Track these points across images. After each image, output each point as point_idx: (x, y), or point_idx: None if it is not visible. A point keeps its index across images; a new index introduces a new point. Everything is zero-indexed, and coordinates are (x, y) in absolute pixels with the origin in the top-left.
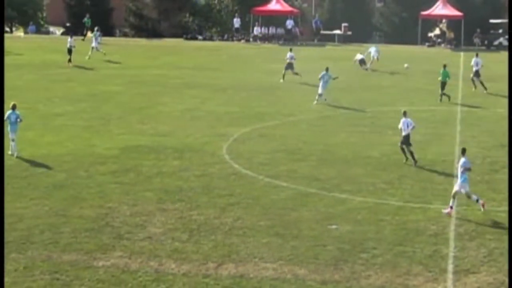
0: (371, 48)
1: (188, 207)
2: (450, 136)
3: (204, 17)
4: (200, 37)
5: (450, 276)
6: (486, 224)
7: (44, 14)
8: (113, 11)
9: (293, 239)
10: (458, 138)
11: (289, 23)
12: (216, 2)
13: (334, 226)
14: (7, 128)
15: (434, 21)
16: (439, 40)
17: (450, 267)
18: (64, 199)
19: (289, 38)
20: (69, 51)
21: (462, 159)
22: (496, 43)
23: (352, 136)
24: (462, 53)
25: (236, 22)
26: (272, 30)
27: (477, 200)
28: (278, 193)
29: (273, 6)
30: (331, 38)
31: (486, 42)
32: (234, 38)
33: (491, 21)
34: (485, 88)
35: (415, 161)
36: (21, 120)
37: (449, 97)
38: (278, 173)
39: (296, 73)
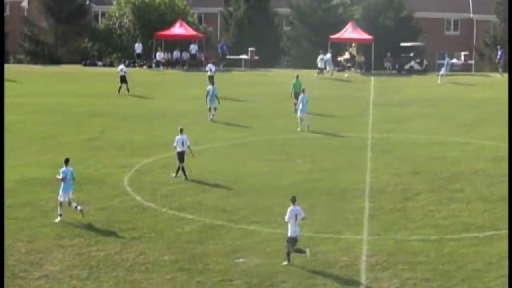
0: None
1: (87, 243)
2: (362, 163)
3: (104, 42)
4: (99, 63)
5: None
6: (399, 254)
7: None
8: (7, 36)
9: (198, 274)
10: (370, 165)
11: (193, 48)
12: (116, 26)
13: (241, 260)
14: None
15: (344, 45)
16: (348, 64)
17: None
18: None
19: (194, 64)
20: None
21: None
22: (407, 67)
23: (261, 165)
24: (372, 78)
25: (138, 47)
26: (176, 55)
27: (76, 207)
28: (183, 226)
29: (176, 30)
30: (237, 63)
31: (397, 66)
32: (136, 64)
33: (402, 44)
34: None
35: (186, 176)
36: None
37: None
38: (183, 205)
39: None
